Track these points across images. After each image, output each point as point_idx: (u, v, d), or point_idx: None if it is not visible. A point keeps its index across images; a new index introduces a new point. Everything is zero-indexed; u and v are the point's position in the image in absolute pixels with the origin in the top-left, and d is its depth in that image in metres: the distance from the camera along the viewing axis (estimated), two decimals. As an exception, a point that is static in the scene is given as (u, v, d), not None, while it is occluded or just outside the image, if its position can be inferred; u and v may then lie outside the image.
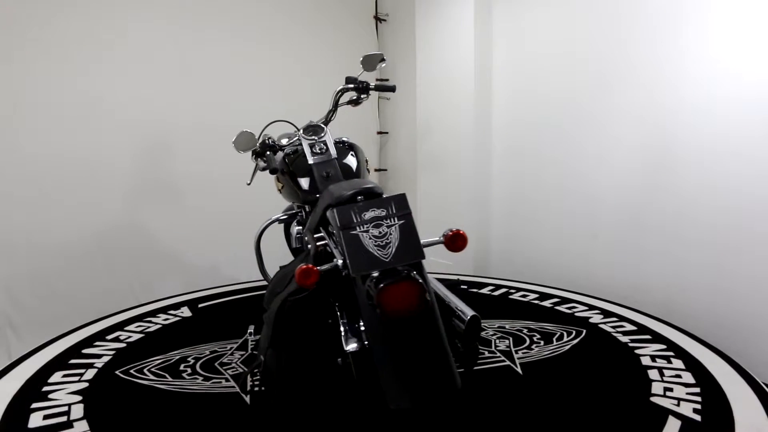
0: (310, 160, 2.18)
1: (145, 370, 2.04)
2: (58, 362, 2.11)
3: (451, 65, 3.60)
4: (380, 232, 1.30)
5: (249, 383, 1.86)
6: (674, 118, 2.60)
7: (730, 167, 2.41)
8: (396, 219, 1.32)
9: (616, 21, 2.83)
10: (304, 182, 2.16)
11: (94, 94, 3.08)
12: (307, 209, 2.24)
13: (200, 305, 2.81)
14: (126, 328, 2.47)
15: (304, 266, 1.27)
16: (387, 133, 4.38)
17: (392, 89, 2.40)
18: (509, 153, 3.55)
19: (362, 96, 2.36)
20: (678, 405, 1.71)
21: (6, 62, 2.82)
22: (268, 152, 2.25)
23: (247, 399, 1.82)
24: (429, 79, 3.80)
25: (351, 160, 2.25)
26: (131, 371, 2.03)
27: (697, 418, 1.62)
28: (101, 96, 3.09)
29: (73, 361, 2.11)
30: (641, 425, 1.60)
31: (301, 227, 2.32)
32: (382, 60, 2.29)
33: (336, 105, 2.35)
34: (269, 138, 2.31)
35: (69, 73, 3.00)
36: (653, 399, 1.75)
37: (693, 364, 1.99)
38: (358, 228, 1.30)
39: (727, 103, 2.39)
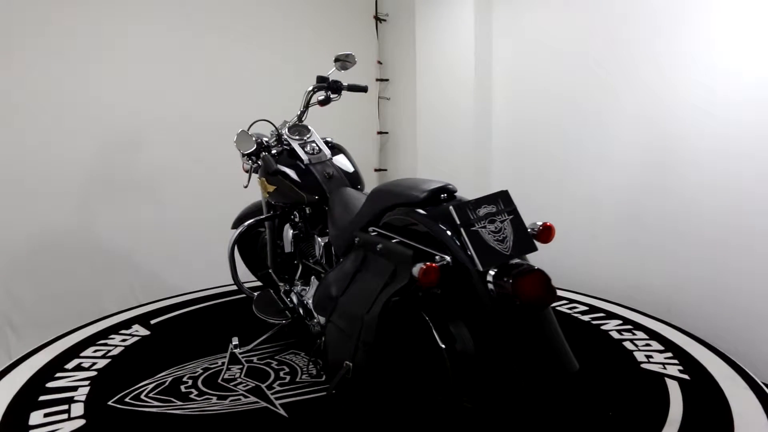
0: (306, 161, 2.14)
1: (143, 397, 1.87)
2: (25, 401, 1.84)
3: (451, 65, 3.60)
4: (496, 228, 1.35)
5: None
6: (674, 118, 2.60)
7: (730, 166, 2.40)
8: (506, 214, 1.38)
9: (616, 20, 2.83)
10: (306, 183, 2.11)
11: (93, 94, 3.05)
12: (308, 211, 2.18)
13: (152, 321, 2.61)
14: (83, 354, 2.23)
15: (425, 265, 1.29)
16: (387, 133, 4.36)
17: (364, 89, 2.38)
18: (509, 152, 3.55)
19: (333, 96, 2.30)
20: (665, 368, 2.01)
21: (6, 60, 2.78)
22: (264, 153, 2.14)
23: (283, 412, 1.78)
24: (429, 79, 3.79)
25: (344, 160, 2.25)
26: (126, 399, 1.85)
27: (687, 377, 1.94)
28: (100, 95, 3.06)
29: (44, 398, 1.85)
30: (650, 388, 1.87)
31: (295, 231, 2.24)
32: (338, 60, 2.27)
33: (308, 105, 2.31)
34: (261, 138, 2.20)
35: (69, 73, 2.96)
36: (643, 365, 2.04)
37: (653, 334, 2.32)
38: (476, 224, 1.33)
39: (727, 102, 2.39)
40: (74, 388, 1.91)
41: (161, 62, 3.24)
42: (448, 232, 1.35)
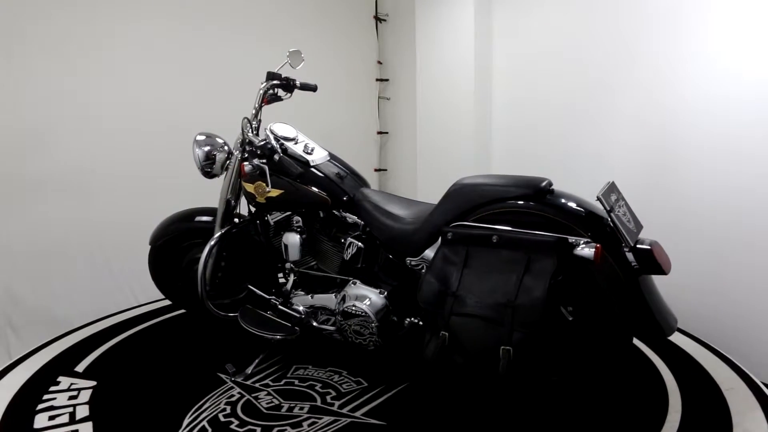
0: (312, 162, 2.07)
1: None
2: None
3: (451, 65, 3.61)
4: (623, 212, 1.61)
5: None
6: (673, 118, 2.61)
7: (730, 166, 2.40)
8: (622, 200, 1.65)
9: (615, 21, 2.84)
10: (324, 186, 2.02)
11: (92, 95, 3.04)
12: (321, 215, 2.09)
13: (77, 368, 2.12)
14: (40, 427, 1.73)
15: (596, 247, 1.50)
16: (387, 133, 4.38)
17: (314, 89, 2.30)
18: (509, 152, 3.56)
19: (284, 94, 2.21)
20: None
21: (7, 62, 2.77)
22: (278, 155, 2.04)
23: (375, 420, 1.75)
24: (429, 79, 3.80)
25: (337, 161, 2.19)
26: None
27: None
28: (98, 96, 3.06)
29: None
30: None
31: (299, 236, 2.08)
32: (290, 56, 2.22)
33: (262, 103, 2.19)
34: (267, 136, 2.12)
35: (69, 73, 2.95)
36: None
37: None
38: (616, 209, 1.57)
39: (726, 102, 2.40)
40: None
41: (162, 62, 3.23)
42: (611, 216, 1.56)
